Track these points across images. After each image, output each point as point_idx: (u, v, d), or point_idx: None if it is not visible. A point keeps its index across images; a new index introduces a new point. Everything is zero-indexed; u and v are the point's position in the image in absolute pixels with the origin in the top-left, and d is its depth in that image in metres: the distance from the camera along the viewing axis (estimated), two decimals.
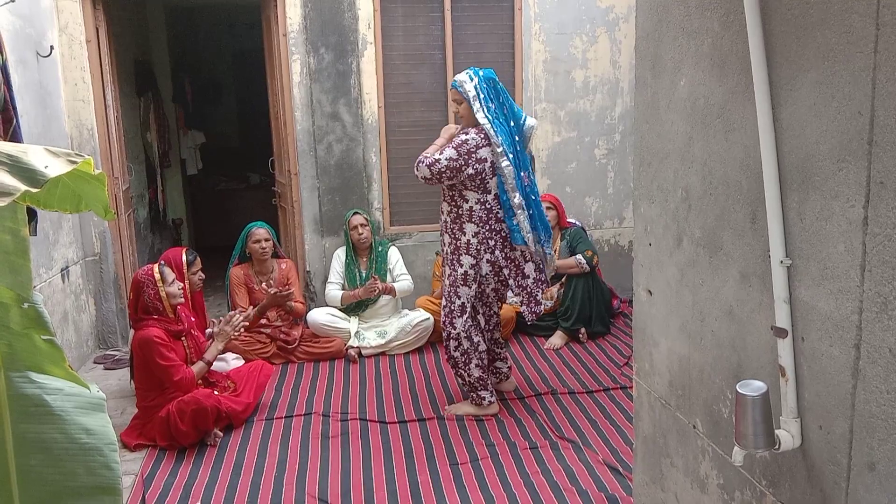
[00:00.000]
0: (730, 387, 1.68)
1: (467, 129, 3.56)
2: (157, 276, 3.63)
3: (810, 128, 1.34)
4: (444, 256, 3.72)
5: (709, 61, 1.66)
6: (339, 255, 4.89)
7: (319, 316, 4.71)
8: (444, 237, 3.70)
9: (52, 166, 1.21)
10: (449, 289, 3.66)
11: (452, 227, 3.60)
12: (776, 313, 1.45)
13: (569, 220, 4.96)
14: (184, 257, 3.93)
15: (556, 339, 4.78)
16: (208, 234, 7.80)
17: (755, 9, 1.43)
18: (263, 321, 4.60)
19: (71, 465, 1.36)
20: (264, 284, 4.61)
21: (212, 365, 3.80)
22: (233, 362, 4.27)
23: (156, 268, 3.67)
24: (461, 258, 3.58)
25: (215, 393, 3.69)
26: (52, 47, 4.41)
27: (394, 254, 4.92)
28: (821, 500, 1.40)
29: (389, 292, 4.75)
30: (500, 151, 3.44)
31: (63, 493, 1.35)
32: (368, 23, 4.98)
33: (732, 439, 1.49)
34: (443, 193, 3.64)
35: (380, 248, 4.89)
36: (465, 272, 3.59)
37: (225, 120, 8.85)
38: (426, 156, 3.49)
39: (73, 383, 1.38)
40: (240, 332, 3.94)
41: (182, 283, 3.78)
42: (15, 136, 3.39)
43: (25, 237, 1.31)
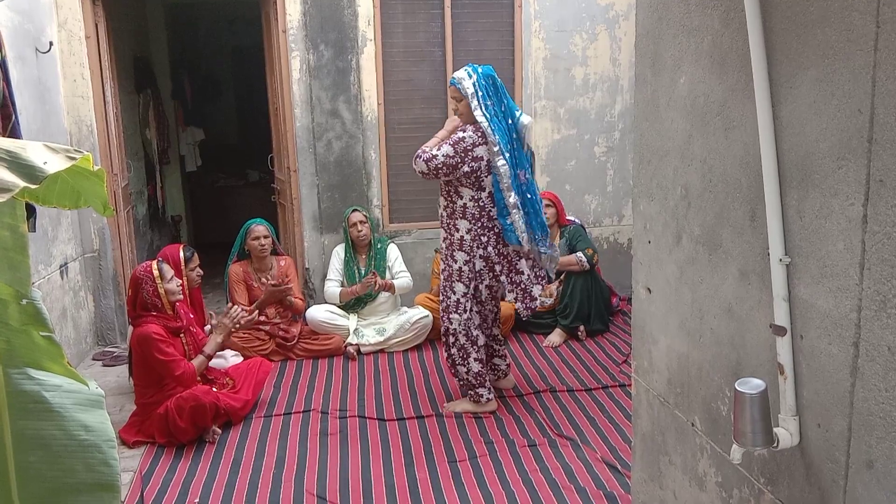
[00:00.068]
0: (728, 385, 1.68)
1: (465, 126, 3.56)
2: (155, 272, 3.63)
3: (810, 125, 1.34)
4: (441, 252, 3.74)
5: (709, 59, 1.66)
6: (339, 253, 4.89)
7: (318, 313, 4.71)
8: (441, 232, 3.72)
9: (51, 162, 1.21)
10: (445, 283, 3.69)
11: (448, 222, 3.63)
12: (775, 311, 1.45)
13: (568, 218, 4.96)
14: (182, 254, 3.93)
15: (555, 336, 4.78)
16: (207, 230, 7.80)
17: (755, 6, 1.42)
18: (262, 318, 4.59)
19: (70, 462, 1.36)
20: (264, 278, 4.59)
21: (211, 359, 3.79)
22: (231, 359, 4.27)
23: (154, 264, 3.67)
24: (455, 254, 3.61)
25: (214, 390, 3.69)
26: (51, 43, 4.40)
27: (393, 251, 4.92)
28: (819, 498, 1.40)
29: (388, 289, 4.75)
30: (496, 150, 3.45)
31: (62, 490, 1.35)
32: (368, 19, 4.97)
33: (731, 437, 1.49)
34: (441, 188, 3.66)
35: (379, 246, 4.89)
36: (459, 268, 3.60)
37: (224, 117, 8.84)
38: (425, 150, 3.51)
39: (72, 380, 1.38)
40: (238, 326, 3.91)
41: (180, 280, 3.78)
42: (14, 133, 3.39)
43: (24, 233, 1.31)
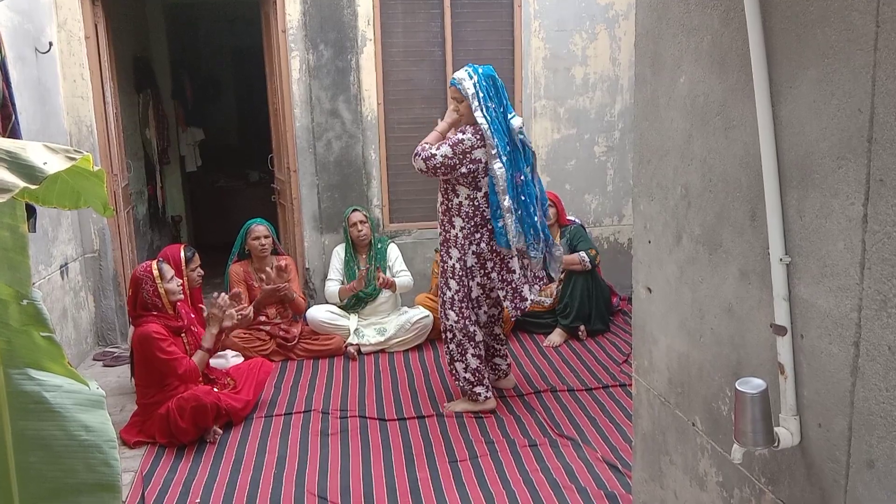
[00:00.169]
0: (729, 384, 1.68)
1: (465, 127, 3.56)
2: (155, 272, 3.63)
3: (810, 125, 1.34)
4: (439, 248, 3.77)
5: (709, 58, 1.65)
6: (339, 252, 4.89)
7: (319, 313, 4.71)
8: (438, 229, 3.75)
9: (51, 163, 1.21)
10: (441, 280, 3.71)
11: (444, 219, 3.67)
12: (775, 311, 1.45)
13: (568, 218, 4.96)
14: (182, 254, 3.92)
15: (556, 336, 4.78)
16: (207, 230, 7.79)
17: (755, 6, 1.42)
18: (262, 318, 4.59)
19: (70, 462, 1.36)
20: (265, 272, 4.55)
21: (211, 353, 3.77)
22: (232, 360, 4.28)
23: (154, 264, 3.67)
24: (450, 251, 3.64)
25: (215, 390, 3.69)
26: (50, 44, 4.40)
27: (393, 250, 4.93)
28: (820, 498, 1.40)
29: (389, 286, 4.75)
30: (493, 154, 3.46)
31: (62, 490, 1.35)
32: (368, 19, 4.97)
33: (731, 437, 1.48)
34: (439, 186, 3.69)
35: (379, 245, 4.89)
36: (453, 265, 3.63)
37: (224, 117, 8.84)
38: (424, 147, 3.52)
39: (73, 380, 1.38)
40: (233, 320, 3.78)
41: (181, 280, 3.77)
42: (14, 133, 3.39)
43: (24, 234, 1.31)
